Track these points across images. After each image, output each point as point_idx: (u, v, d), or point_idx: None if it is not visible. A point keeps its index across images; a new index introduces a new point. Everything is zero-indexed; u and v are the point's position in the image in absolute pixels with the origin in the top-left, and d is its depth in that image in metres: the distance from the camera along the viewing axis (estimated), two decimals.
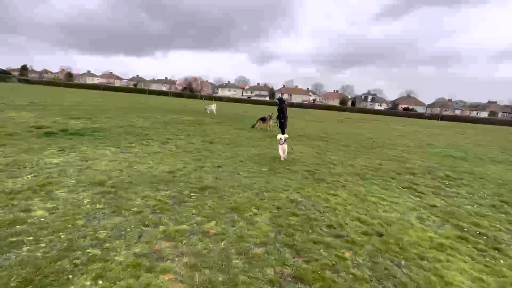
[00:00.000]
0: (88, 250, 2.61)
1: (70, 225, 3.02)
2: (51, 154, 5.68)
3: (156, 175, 5.00)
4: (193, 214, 3.58)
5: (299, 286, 2.37)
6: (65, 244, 2.66)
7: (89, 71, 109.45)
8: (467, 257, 3.08)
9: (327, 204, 4.31)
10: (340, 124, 21.49)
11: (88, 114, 13.01)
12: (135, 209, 3.56)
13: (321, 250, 2.95)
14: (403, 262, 2.87)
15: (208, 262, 2.59)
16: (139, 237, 2.93)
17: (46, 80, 68.65)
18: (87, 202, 3.63)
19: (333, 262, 2.74)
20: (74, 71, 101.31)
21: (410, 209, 4.41)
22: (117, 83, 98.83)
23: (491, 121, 52.17)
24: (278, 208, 3.98)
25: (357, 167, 7.03)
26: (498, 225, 4.02)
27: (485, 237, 3.60)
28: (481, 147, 13.32)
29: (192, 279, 2.33)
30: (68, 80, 76.59)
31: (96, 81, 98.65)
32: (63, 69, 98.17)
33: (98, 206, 3.55)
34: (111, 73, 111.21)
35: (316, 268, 2.60)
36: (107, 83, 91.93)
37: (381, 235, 3.42)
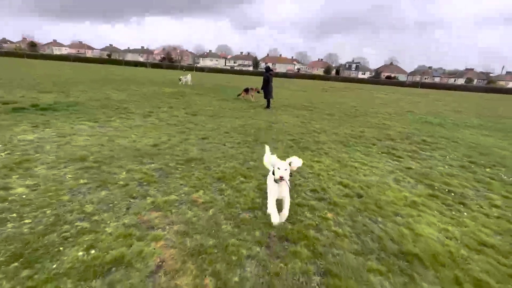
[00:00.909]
0: (76, 224, 2.61)
1: (54, 201, 2.97)
2: (24, 131, 5.36)
3: (140, 148, 4.90)
4: (180, 185, 3.62)
5: (285, 244, 2.54)
6: (51, 219, 2.64)
7: (55, 40, 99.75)
8: (436, 212, 3.39)
9: (311, 170, 4.47)
10: (324, 94, 21.55)
11: (60, 88, 12.15)
12: (121, 182, 3.54)
13: (306, 212, 3.12)
14: (379, 219, 3.12)
15: (198, 228, 2.69)
16: (128, 209, 2.95)
17: (6, 51, 62.10)
18: (69, 177, 3.55)
19: (316, 223, 2.93)
20: (37, 41, 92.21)
21: (388, 172, 4.68)
22: (89, 54, 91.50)
23: (467, 88, 54.26)
24: (264, 176, 4.08)
25: (340, 135, 7.23)
26: (465, 183, 4.39)
27: (453, 194, 3.94)
28: (458, 114, 13.98)
29: (184, 244, 2.43)
30: (31, 51, 69.89)
31: (64, 51, 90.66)
32: (25, 38, 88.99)
33: (81, 181, 3.48)
34: (81, 42, 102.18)
35: (301, 228, 2.78)
36: (77, 53, 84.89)
37: (361, 196, 3.65)
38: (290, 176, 2.74)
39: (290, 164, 2.68)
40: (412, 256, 2.47)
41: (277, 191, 2.72)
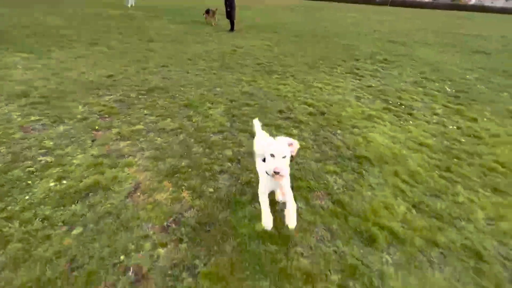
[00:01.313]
0: (39, 159, 2.52)
1: (6, 140, 2.75)
2: None
3: (93, 80, 4.45)
4: (145, 114, 3.50)
5: (254, 159, 2.76)
6: (9, 157, 2.50)
7: None
8: (387, 123, 3.79)
9: (278, 93, 4.53)
10: (292, 13, 19.94)
11: None
12: (79, 116, 3.32)
13: (273, 131, 3.31)
14: (339, 131, 3.44)
15: (170, 152, 2.76)
16: (93, 141, 2.86)
17: None
18: (16, 115, 3.22)
19: None
20: None
21: (350, 90, 4.91)
22: None
23: (433, 5, 53.52)
24: (232, 101, 4.08)
25: (307, 57, 7.10)
26: (415, 97, 4.83)
27: (403, 107, 4.37)
28: (420, 32, 14.12)
29: (157, 167, 2.53)
30: None
31: None
32: None
33: (32, 118, 3.19)
34: None
35: None
36: None
37: (323, 113, 3.89)
38: (290, 161, 1.70)
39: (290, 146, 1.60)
40: (363, 158, 2.87)
41: (272, 184, 1.80)
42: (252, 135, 3.18)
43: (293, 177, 2.52)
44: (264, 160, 1.69)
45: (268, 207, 1.74)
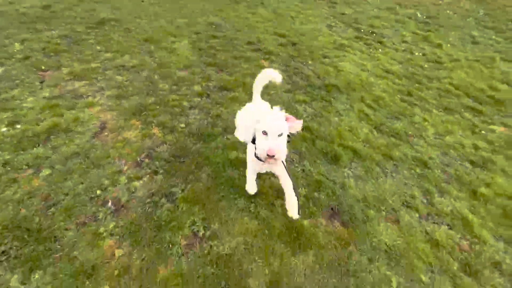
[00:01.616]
0: None
1: None
2: None
3: (26, 13, 3.73)
4: (99, 51, 3.12)
5: (224, 93, 2.70)
6: None
7: None
8: (357, 51, 3.76)
9: (247, 23, 4.18)
10: None
11: None
12: (19, 56, 2.88)
13: (242, 64, 3.16)
14: (310, 62, 3.38)
15: (133, 90, 2.59)
16: (42, 82, 2.56)
17: None
18: None
19: (252, 71, 3.05)
20: None
21: (323, 19, 4.66)
22: None
23: None
24: (197, 33, 3.72)
25: None
26: (386, 24, 4.73)
27: (374, 35, 4.29)
28: None
29: (122, 106, 2.39)
30: None
31: None
32: None
33: None
34: None
35: (238, 77, 2.90)
36: None
37: (294, 44, 3.73)
38: (288, 142, 1.30)
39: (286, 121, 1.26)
40: (332, 87, 2.92)
41: (263, 168, 1.53)
42: (220, 68, 3.07)
43: None
44: (253, 141, 1.30)
45: (254, 180, 1.59)
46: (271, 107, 1.34)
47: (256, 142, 1.27)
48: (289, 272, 1.45)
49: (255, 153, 1.29)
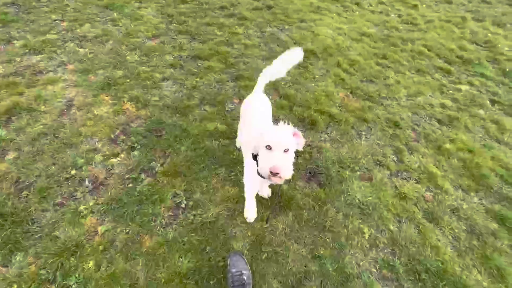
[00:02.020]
0: None
1: None
2: None
3: None
4: (55, 21, 2.82)
5: (199, 62, 2.59)
6: None
7: None
8: (334, 14, 3.67)
9: None
10: None
11: None
12: None
13: (215, 31, 3.00)
14: (286, 27, 3.26)
15: (99, 63, 2.41)
16: None
17: None
18: None
19: (226, 38, 2.91)
20: None
21: None
22: None
23: None
24: None
25: None
26: None
27: None
28: None
29: (88, 81, 2.24)
30: None
31: None
32: None
33: None
34: None
35: (212, 46, 2.76)
36: None
37: (270, 8, 3.55)
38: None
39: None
40: (309, 52, 2.87)
41: (261, 185, 1.54)
42: (192, 36, 2.92)
43: (241, 78, 2.48)
44: (255, 157, 1.17)
45: (254, 202, 1.49)
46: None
47: (258, 158, 1.13)
48: (270, 232, 1.54)
49: (257, 170, 1.17)
